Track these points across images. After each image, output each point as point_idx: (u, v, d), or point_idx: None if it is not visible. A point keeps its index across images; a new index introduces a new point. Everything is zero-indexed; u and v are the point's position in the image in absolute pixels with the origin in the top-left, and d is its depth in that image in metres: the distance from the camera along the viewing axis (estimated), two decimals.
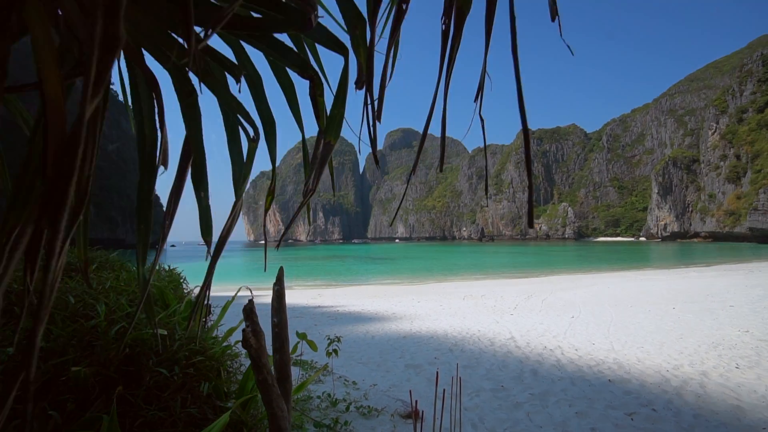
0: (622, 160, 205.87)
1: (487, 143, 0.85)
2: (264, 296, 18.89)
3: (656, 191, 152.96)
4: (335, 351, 4.01)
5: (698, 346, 6.75)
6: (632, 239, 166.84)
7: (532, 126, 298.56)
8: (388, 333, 8.30)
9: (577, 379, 4.98)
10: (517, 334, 8.02)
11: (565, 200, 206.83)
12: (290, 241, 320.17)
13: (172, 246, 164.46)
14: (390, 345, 7.06)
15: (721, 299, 12.93)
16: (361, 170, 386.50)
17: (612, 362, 5.80)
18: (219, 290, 23.66)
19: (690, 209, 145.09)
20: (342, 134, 1.05)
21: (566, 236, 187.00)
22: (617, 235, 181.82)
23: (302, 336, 3.55)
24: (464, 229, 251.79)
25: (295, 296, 18.68)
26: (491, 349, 6.73)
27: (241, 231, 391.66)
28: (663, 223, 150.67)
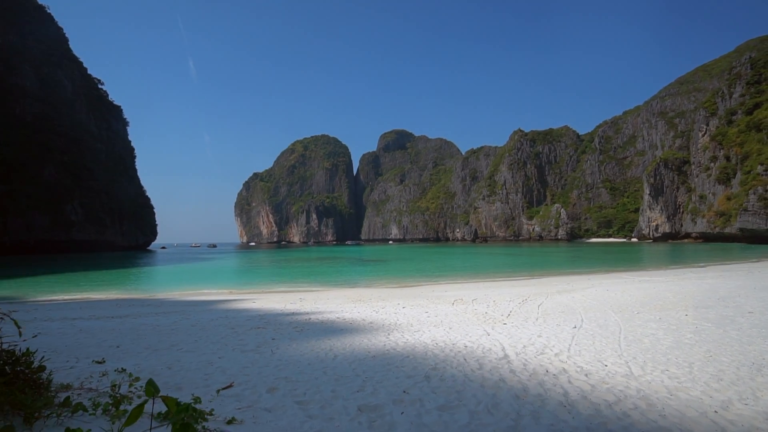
0: (614, 162, 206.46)
1: (480, 145, 0.75)
2: (246, 300, 17.37)
3: (648, 192, 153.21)
4: (195, 418, 2.50)
5: (737, 368, 5.41)
6: (624, 240, 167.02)
7: (525, 128, 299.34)
8: (355, 351, 6.85)
9: (596, 428, 3.59)
10: (511, 352, 6.62)
11: (558, 201, 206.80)
12: (283, 242, 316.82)
13: (163, 248, 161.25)
14: (351, 369, 5.62)
15: (735, 304, 11.69)
16: (354, 172, 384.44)
17: (636, 396, 4.43)
18: (204, 294, 22.09)
19: (681, 210, 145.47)
20: (336, 136, 0.95)
21: (559, 237, 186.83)
22: (609, 236, 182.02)
23: (150, 391, 2.08)
24: (458, 230, 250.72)
25: (274, 301, 17.18)
26: (479, 374, 5.32)
27: (234, 232, 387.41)
28: (655, 223, 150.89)
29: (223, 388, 4.67)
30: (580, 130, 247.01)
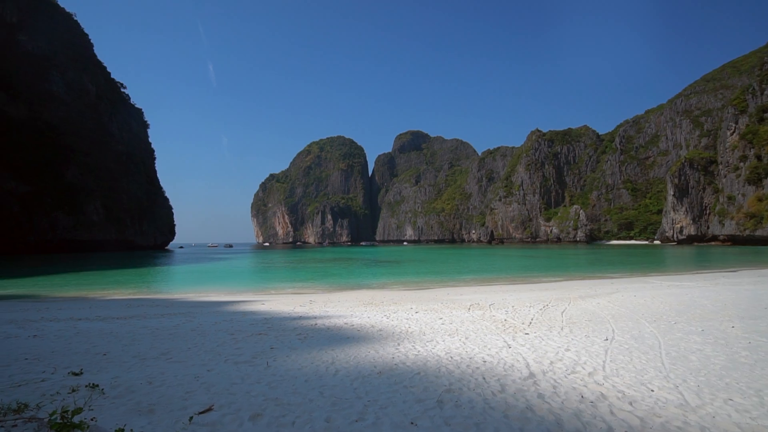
0: (635, 162, 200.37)
1: (497, 145, 0.72)
2: (256, 302, 16.89)
3: (672, 193, 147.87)
4: None
5: None
6: (646, 242, 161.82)
7: (543, 128, 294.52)
8: (360, 364, 6.13)
9: None
10: (537, 369, 5.79)
11: (577, 203, 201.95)
12: (299, 243, 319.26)
13: (180, 247, 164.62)
14: (353, 389, 4.89)
15: None
16: (370, 173, 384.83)
17: None
18: (214, 295, 21.78)
19: (708, 212, 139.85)
20: (351, 137, 0.91)
21: (578, 239, 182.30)
22: (630, 238, 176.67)
23: None
24: (473, 231, 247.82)
25: (283, 303, 16.62)
26: (501, 400, 4.53)
27: (251, 233, 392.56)
28: (679, 225, 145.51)
29: (200, 413, 4.02)
30: (600, 130, 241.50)
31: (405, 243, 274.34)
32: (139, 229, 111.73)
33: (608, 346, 7.32)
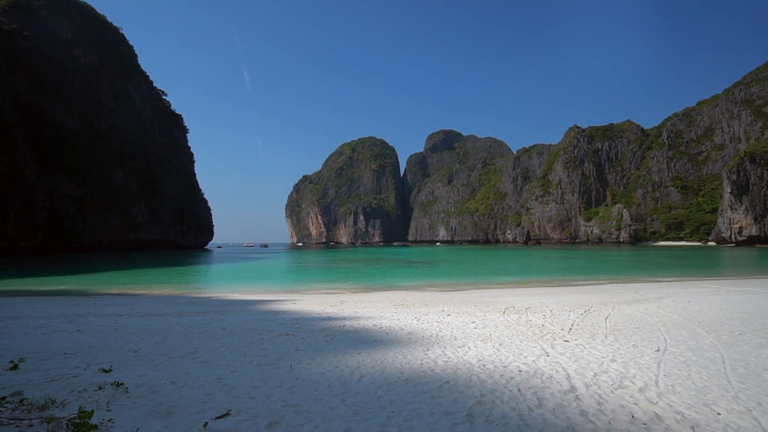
0: (685, 158, 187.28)
1: (533, 143, 0.69)
2: (287, 301, 17.07)
3: (729, 191, 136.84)
4: None
5: None
6: (699, 243, 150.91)
7: (582, 123, 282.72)
8: (385, 370, 5.84)
9: None
10: (578, 382, 5.26)
11: (620, 201, 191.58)
12: (332, 243, 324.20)
13: (219, 247, 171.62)
14: (376, 398, 4.61)
15: None
16: (401, 173, 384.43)
17: None
18: (248, 293, 22.35)
19: None
20: (383, 138, 0.90)
21: (621, 240, 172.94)
22: (681, 239, 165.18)
23: None
24: (509, 231, 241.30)
25: (314, 302, 16.68)
26: (538, 416, 4.08)
27: (285, 233, 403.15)
28: (738, 225, 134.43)
29: (216, 418, 3.88)
30: (644, 125, 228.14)
31: (438, 243, 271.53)
32: (180, 229, 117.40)
33: (661, 358, 6.61)
